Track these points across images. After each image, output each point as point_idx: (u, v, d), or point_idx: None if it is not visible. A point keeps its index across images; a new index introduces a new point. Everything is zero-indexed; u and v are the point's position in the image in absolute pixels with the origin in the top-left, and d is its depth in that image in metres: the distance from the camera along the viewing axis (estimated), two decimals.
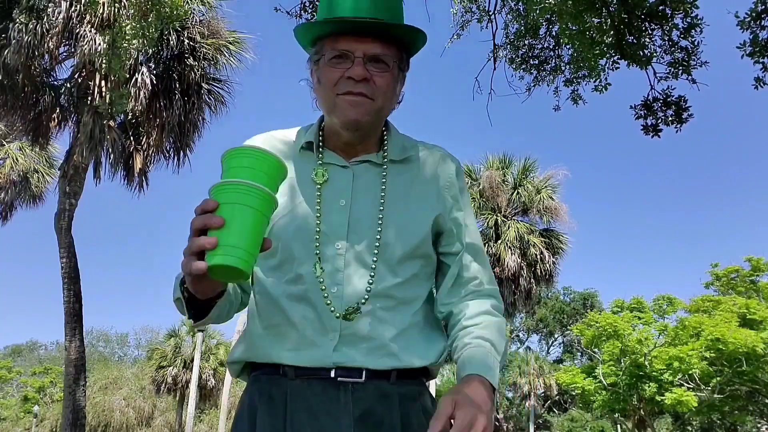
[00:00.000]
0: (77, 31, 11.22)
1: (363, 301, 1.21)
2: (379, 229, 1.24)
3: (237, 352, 1.31)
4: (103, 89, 11.49)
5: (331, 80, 1.21)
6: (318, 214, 1.23)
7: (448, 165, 1.34)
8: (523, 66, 7.70)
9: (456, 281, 1.32)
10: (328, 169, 1.27)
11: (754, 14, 5.54)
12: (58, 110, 12.28)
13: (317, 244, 1.22)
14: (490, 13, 7.78)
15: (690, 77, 6.26)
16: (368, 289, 1.22)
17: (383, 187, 1.26)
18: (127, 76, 11.05)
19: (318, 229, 1.23)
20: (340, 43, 1.20)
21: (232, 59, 13.07)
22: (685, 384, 21.04)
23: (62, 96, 12.35)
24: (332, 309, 1.20)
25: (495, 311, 1.30)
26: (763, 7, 5.53)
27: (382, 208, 1.25)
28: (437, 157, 1.35)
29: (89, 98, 11.76)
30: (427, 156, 1.34)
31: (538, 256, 19.60)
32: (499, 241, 19.79)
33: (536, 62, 7.71)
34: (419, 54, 1.32)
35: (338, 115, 1.21)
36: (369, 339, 1.21)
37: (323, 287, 1.21)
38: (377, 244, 1.23)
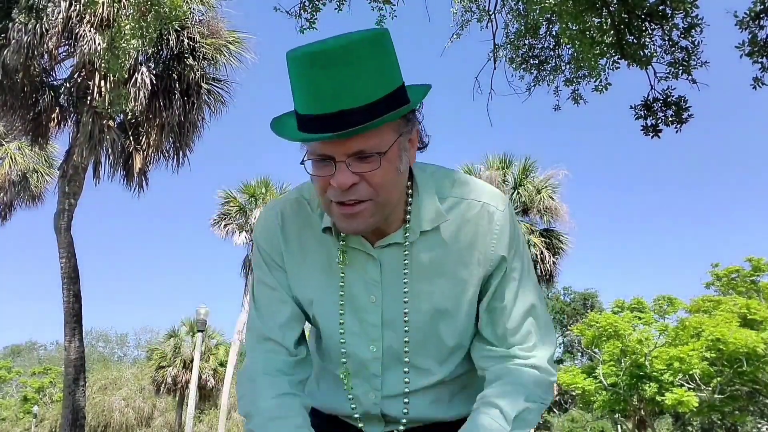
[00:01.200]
0: (77, 30, 11.22)
1: (405, 402, 1.22)
2: (406, 329, 1.17)
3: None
4: (103, 89, 11.49)
5: (319, 187, 1.05)
6: (342, 312, 1.17)
7: (489, 223, 1.14)
8: (523, 66, 7.70)
9: (491, 351, 1.19)
10: (353, 254, 1.15)
11: (752, 14, 5.53)
12: (57, 110, 12.28)
13: (344, 350, 1.20)
14: (490, 13, 7.77)
15: (690, 77, 6.25)
16: (407, 390, 1.21)
17: (405, 271, 1.14)
18: (126, 76, 11.04)
19: (342, 330, 1.19)
20: (318, 147, 1.02)
21: (231, 59, 13.08)
22: (686, 384, 21.02)
23: (62, 96, 12.35)
24: (375, 412, 1.24)
25: (530, 397, 1.13)
26: (762, 7, 5.52)
27: (407, 300, 1.15)
28: (475, 215, 1.14)
29: (89, 98, 11.76)
30: (463, 216, 1.14)
31: (539, 256, 19.61)
32: None
33: (536, 62, 7.70)
34: (419, 54, 1.21)
35: (336, 224, 1.09)
36: (412, 420, 1.24)
37: (351, 396, 1.24)
38: (417, 342, 1.18)
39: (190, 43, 12.44)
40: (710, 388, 20.88)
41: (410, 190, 1.14)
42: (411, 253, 1.14)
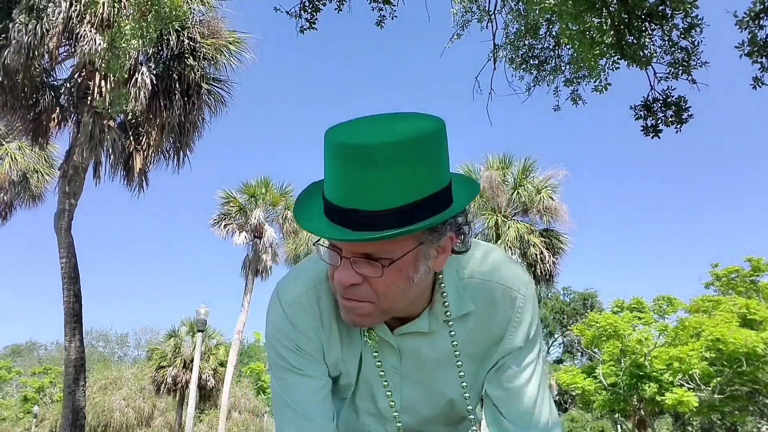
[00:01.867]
0: (77, 31, 11.23)
1: None
2: (436, 404, 1.21)
3: None
4: (103, 89, 11.50)
5: (329, 273, 1.02)
6: (354, 391, 1.21)
7: (510, 308, 1.11)
8: (523, 66, 7.70)
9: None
10: (375, 339, 1.13)
11: (752, 14, 5.53)
12: (57, 110, 12.29)
13: (368, 425, 1.24)
14: (490, 13, 7.78)
15: (690, 77, 6.25)
16: None
17: (431, 358, 1.15)
18: (127, 76, 11.04)
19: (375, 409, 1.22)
20: None
21: (232, 59, 13.09)
22: (686, 384, 21.03)
23: (62, 96, 12.36)
24: None
25: None
26: (762, 6, 5.53)
27: (431, 383, 1.18)
28: (498, 298, 1.11)
29: (89, 98, 11.77)
30: (484, 299, 1.10)
31: (538, 256, 19.61)
32: (499, 242, 19.79)
33: (536, 62, 7.71)
34: (420, 55, 1.09)
35: (340, 312, 1.04)
36: None
37: None
38: (433, 418, 1.23)
39: (191, 43, 12.45)
40: (710, 388, 20.89)
41: (440, 274, 1.07)
42: (433, 342, 1.12)
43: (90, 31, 11.00)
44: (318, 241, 0.97)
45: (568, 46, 7.13)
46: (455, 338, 1.11)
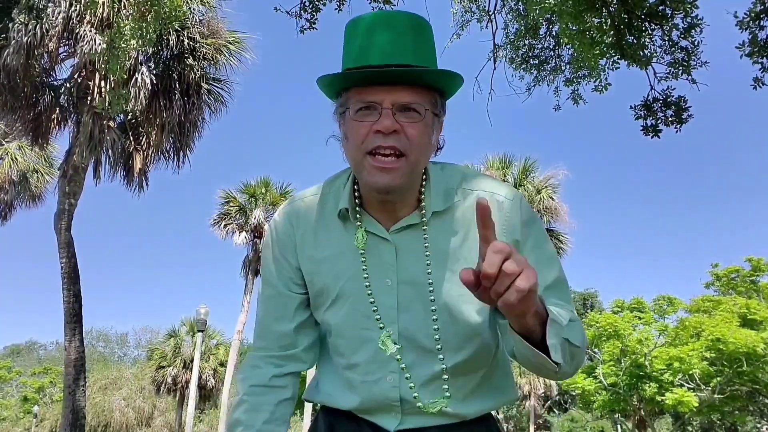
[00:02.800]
0: (77, 31, 11.22)
1: (426, 383, 1.20)
2: (433, 308, 1.16)
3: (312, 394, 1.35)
4: (103, 89, 11.49)
5: (358, 136, 1.10)
6: (369, 292, 1.18)
7: (498, 211, 1.15)
8: (523, 66, 7.70)
9: None
10: (368, 237, 1.18)
11: (752, 14, 5.53)
12: (57, 110, 12.28)
13: (367, 329, 1.20)
14: (490, 13, 7.78)
15: (690, 77, 6.24)
16: (429, 373, 1.19)
17: (427, 253, 1.16)
18: (127, 76, 11.03)
19: (375, 308, 1.19)
20: (366, 94, 1.09)
21: (231, 59, 13.08)
22: (686, 384, 21.04)
23: (62, 96, 12.35)
24: (392, 399, 1.20)
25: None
26: (762, 7, 5.52)
27: (431, 281, 1.16)
28: (492, 204, 1.13)
29: (89, 98, 11.76)
30: (473, 205, 1.14)
31: None
32: None
33: (536, 62, 7.70)
34: None
35: (367, 178, 1.11)
36: (433, 415, 1.20)
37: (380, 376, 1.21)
38: (434, 326, 1.17)
39: (191, 43, 12.44)
40: (710, 388, 20.89)
41: (424, 178, 1.19)
42: (429, 236, 1.17)
43: (90, 31, 10.99)
44: (344, 112, 1.13)
45: (568, 46, 7.13)
46: (449, 235, 1.17)
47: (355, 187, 1.20)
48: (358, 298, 1.19)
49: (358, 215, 1.19)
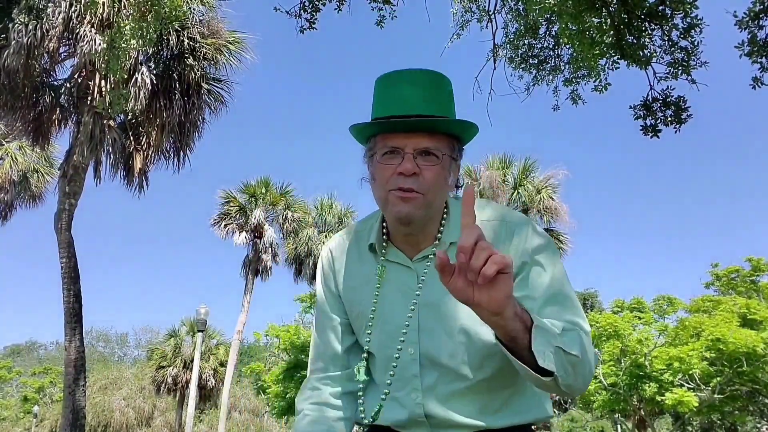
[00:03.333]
0: (77, 31, 11.22)
1: (450, 399, 1.28)
2: (452, 329, 1.26)
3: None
4: (103, 89, 11.50)
5: (384, 177, 1.24)
6: (371, 320, 1.32)
7: (514, 236, 1.27)
8: (523, 66, 7.71)
9: None
10: (393, 268, 1.32)
11: (752, 14, 5.53)
12: (58, 110, 12.29)
13: (391, 349, 1.30)
14: (490, 13, 7.79)
15: (689, 77, 6.25)
16: (453, 390, 1.27)
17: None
18: (127, 76, 11.04)
19: (369, 334, 1.33)
20: (391, 140, 1.23)
21: (231, 59, 13.08)
22: (686, 384, 21.03)
23: (62, 96, 12.35)
24: (418, 416, 1.29)
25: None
26: (762, 7, 5.53)
27: (449, 304, 1.25)
28: (502, 229, 1.28)
29: (89, 98, 11.77)
30: (491, 231, 1.27)
31: None
32: None
33: (536, 62, 7.71)
34: (420, 55, 1.33)
35: (390, 210, 1.24)
36: (462, 428, 1.28)
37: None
38: (454, 346, 1.26)
39: (191, 43, 12.45)
40: (710, 388, 20.88)
41: (444, 212, 1.32)
42: (429, 266, 1.28)
43: (90, 31, 11.00)
44: (372, 155, 1.27)
45: (567, 46, 7.14)
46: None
47: (384, 224, 1.35)
48: (386, 322, 1.31)
49: (384, 248, 1.33)
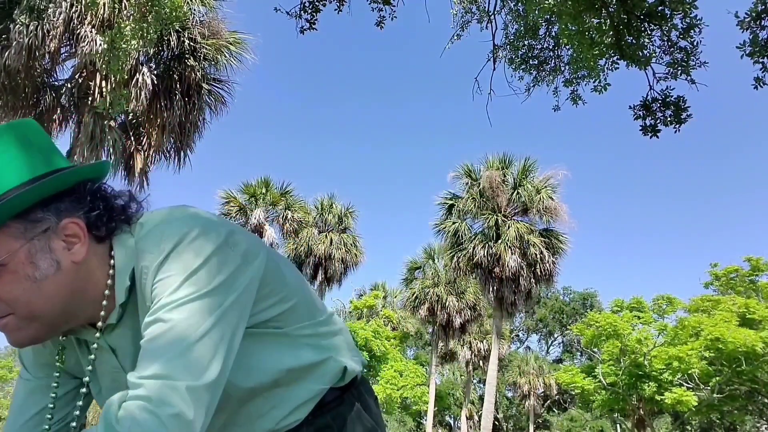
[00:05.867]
0: (78, 31, 11.24)
1: None
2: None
3: None
4: (104, 90, 11.51)
5: None
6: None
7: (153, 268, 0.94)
8: (523, 66, 7.72)
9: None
10: (89, 348, 1.05)
11: (753, 14, 5.55)
12: (58, 110, 12.31)
13: None
14: (490, 14, 7.81)
15: (689, 78, 6.28)
16: None
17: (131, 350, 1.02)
18: (127, 76, 11.06)
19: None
20: None
21: (232, 60, 13.10)
22: (685, 384, 21.07)
23: (63, 96, 12.37)
24: None
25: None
26: (763, 7, 5.55)
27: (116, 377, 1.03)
28: (141, 270, 0.95)
29: (90, 98, 11.78)
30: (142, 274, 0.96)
31: (538, 256, 19.63)
32: (499, 241, 19.82)
33: (536, 62, 7.73)
34: (420, 54, 1.01)
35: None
36: None
37: None
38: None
39: (191, 43, 12.47)
40: (709, 388, 20.93)
41: (111, 269, 0.97)
42: (123, 333, 1.00)
43: (90, 31, 11.01)
44: None
45: (567, 47, 7.16)
46: (134, 324, 0.98)
47: None
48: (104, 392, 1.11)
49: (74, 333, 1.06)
